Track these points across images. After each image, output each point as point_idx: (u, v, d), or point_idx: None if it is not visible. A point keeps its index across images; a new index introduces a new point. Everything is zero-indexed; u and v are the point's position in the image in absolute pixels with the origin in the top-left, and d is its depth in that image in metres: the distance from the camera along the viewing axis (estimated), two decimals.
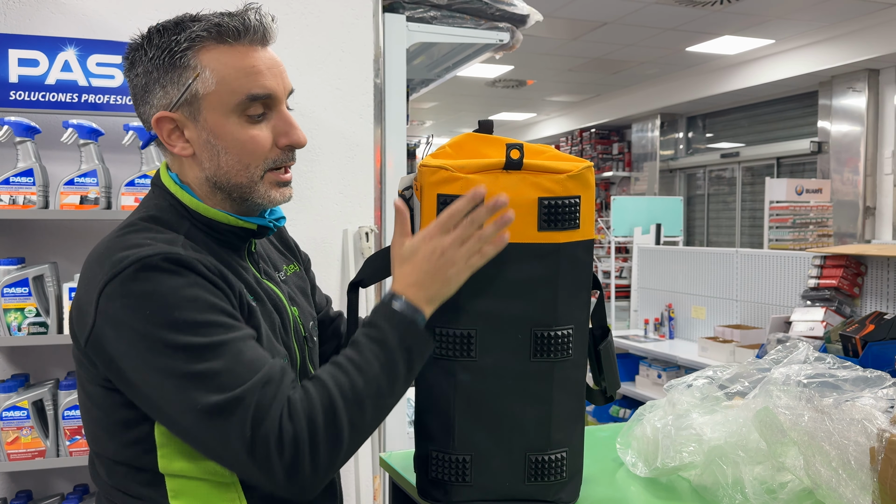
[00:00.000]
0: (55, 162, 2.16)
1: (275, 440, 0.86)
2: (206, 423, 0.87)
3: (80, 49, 2.09)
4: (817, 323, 3.61)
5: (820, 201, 6.44)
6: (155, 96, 0.98)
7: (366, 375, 0.92)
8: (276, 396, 0.88)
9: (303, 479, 0.88)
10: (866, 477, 0.83)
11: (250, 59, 0.97)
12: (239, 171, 1.00)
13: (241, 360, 0.89)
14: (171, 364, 0.87)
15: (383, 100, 2.58)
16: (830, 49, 6.81)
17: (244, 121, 0.98)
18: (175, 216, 1.01)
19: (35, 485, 2.21)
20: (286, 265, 1.20)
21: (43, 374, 2.22)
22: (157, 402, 0.90)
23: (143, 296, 0.89)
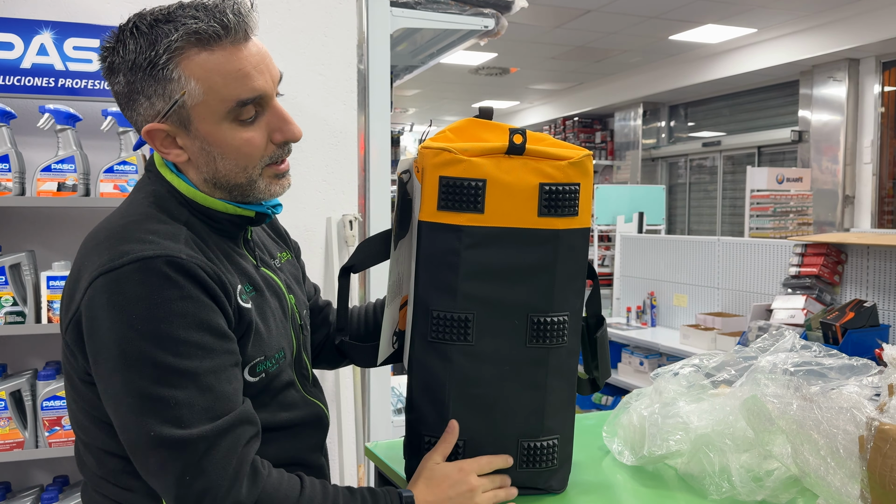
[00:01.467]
0: (31, 148, 2.12)
1: (211, 498, 0.86)
2: (151, 451, 0.86)
3: (56, 32, 2.04)
4: (798, 311, 3.64)
5: (800, 190, 6.48)
6: (141, 106, 0.95)
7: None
8: (228, 450, 0.88)
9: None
10: (855, 465, 0.83)
11: (235, 62, 0.93)
12: (237, 173, 0.98)
13: (208, 395, 0.88)
14: (138, 380, 0.86)
15: (367, 86, 2.55)
16: (811, 38, 6.85)
17: (237, 125, 0.96)
18: (175, 204, 0.99)
19: (13, 476, 2.18)
20: (280, 252, 1.19)
21: (21, 365, 2.18)
22: (113, 407, 0.89)
23: (132, 298, 0.87)
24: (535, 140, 1.01)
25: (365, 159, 2.58)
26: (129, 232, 0.91)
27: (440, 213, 0.99)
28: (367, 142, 2.57)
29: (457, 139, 1.03)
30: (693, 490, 1.12)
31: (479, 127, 1.05)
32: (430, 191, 0.98)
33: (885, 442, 0.79)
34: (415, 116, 13.11)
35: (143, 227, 0.92)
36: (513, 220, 0.98)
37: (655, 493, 1.14)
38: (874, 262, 3.55)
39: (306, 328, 1.17)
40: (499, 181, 0.98)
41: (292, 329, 1.10)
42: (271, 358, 1.02)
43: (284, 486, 0.91)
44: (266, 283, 1.05)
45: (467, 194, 0.97)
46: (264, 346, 1.01)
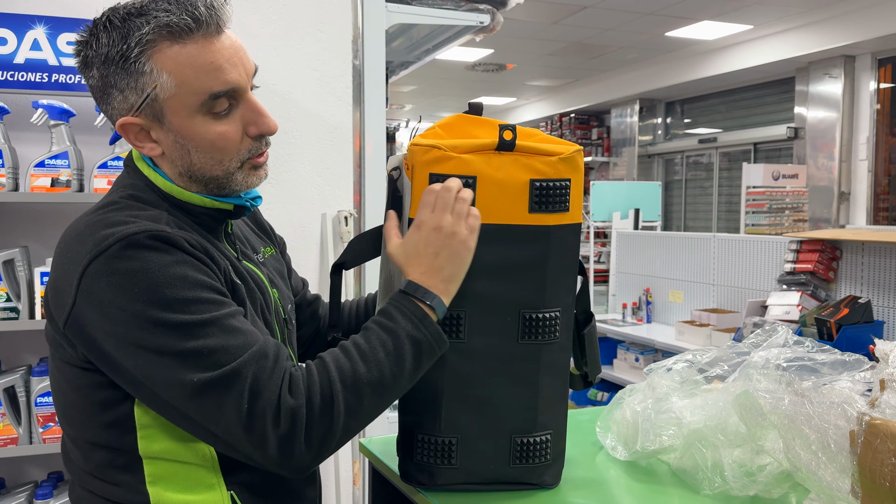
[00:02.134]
0: (25, 143, 2.12)
1: (272, 413, 0.86)
2: (200, 400, 0.86)
3: (49, 27, 2.03)
4: (793, 307, 3.65)
5: (796, 187, 6.49)
6: (115, 100, 0.95)
7: (369, 363, 0.91)
8: (273, 369, 0.88)
9: (294, 457, 0.88)
10: (846, 460, 0.84)
11: (207, 55, 0.93)
12: (213, 166, 0.98)
13: (235, 335, 0.89)
14: (164, 342, 0.86)
15: (362, 82, 2.55)
16: (807, 35, 6.86)
17: (210, 118, 0.95)
18: (153, 197, 0.99)
19: (8, 472, 2.18)
20: (263, 247, 1.18)
21: (15, 361, 2.18)
22: (143, 381, 0.88)
23: (130, 274, 0.87)
24: (525, 136, 1.01)
25: (360, 155, 2.58)
26: (108, 218, 0.92)
27: None
28: (362, 138, 2.57)
29: (446, 135, 1.03)
30: (686, 485, 1.12)
31: (468, 123, 1.04)
32: (420, 188, 0.98)
33: (876, 437, 0.79)
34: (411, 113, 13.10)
35: (122, 213, 0.93)
36: (504, 217, 0.98)
37: (648, 488, 1.14)
38: (869, 259, 3.56)
39: (290, 322, 1.17)
40: (489, 178, 0.98)
41: (276, 323, 1.09)
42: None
43: (316, 384, 0.90)
44: (249, 276, 1.05)
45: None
46: (257, 328, 1.00)
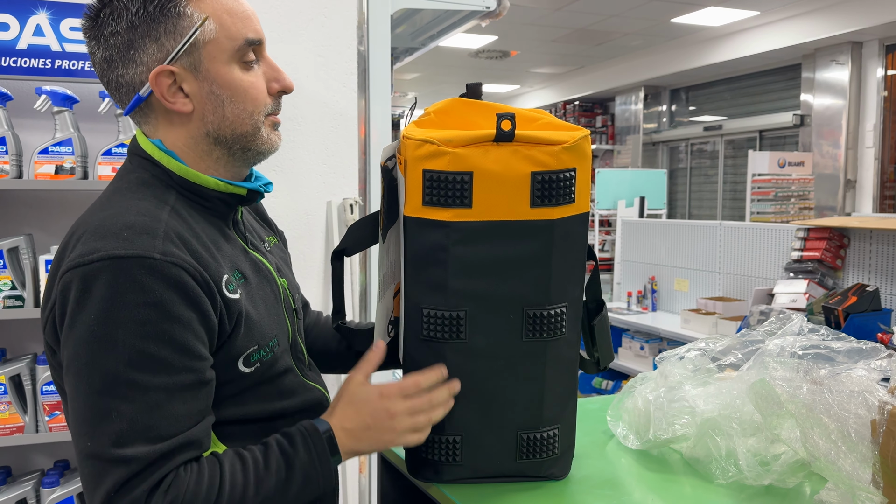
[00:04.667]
0: (28, 130, 2.11)
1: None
2: (85, 461, 0.84)
3: (52, 12, 2.02)
4: (800, 295, 3.63)
5: (802, 174, 6.45)
6: (145, 52, 0.93)
7: (260, 486, 0.89)
8: (158, 470, 0.84)
9: None
10: (866, 450, 0.82)
11: (240, 5, 0.98)
12: (244, 119, 0.98)
13: (154, 414, 0.84)
14: (85, 385, 0.83)
15: (367, 68, 2.53)
16: (814, 21, 6.80)
17: (243, 68, 0.97)
18: (161, 188, 0.96)
19: (14, 461, 2.18)
20: (268, 237, 1.17)
21: (20, 349, 2.18)
22: (68, 405, 0.88)
23: (96, 298, 0.83)
24: (526, 122, 0.96)
25: (365, 142, 2.56)
26: (104, 226, 0.88)
27: (425, 209, 0.93)
28: (367, 125, 2.55)
29: (440, 123, 0.97)
30: (699, 474, 1.11)
31: (466, 108, 0.98)
32: (414, 185, 0.93)
33: None
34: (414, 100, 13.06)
35: (119, 221, 0.88)
36: (503, 213, 0.93)
37: (661, 478, 1.13)
38: (876, 247, 3.54)
39: (300, 312, 1.15)
40: (487, 172, 0.92)
41: (286, 313, 1.07)
42: (265, 347, 0.99)
43: (226, 485, 0.87)
44: (256, 268, 1.03)
45: (453, 188, 0.91)
46: (256, 336, 0.98)
